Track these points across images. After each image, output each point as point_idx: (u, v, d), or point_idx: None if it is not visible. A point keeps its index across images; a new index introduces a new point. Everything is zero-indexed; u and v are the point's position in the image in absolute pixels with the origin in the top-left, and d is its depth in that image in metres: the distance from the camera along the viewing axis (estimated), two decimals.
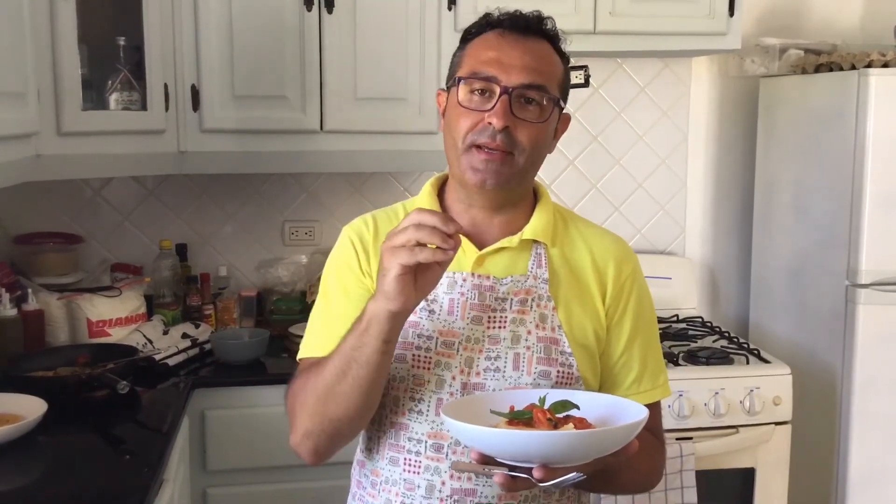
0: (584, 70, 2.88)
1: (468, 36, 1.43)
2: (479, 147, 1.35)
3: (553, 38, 1.42)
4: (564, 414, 1.21)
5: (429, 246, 1.18)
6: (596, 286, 1.43)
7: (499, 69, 1.35)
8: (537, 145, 1.38)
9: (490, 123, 1.33)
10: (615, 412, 1.25)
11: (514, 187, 1.41)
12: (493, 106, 1.34)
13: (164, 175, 2.86)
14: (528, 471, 1.15)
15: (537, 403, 1.23)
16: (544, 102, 1.37)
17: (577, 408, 1.22)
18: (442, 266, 1.21)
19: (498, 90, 1.34)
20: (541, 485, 1.14)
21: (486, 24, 1.41)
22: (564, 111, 1.45)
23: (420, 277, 1.21)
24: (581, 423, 1.19)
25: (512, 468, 1.16)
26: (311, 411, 1.33)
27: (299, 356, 1.46)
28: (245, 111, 2.58)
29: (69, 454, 1.88)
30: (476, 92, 1.36)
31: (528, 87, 1.35)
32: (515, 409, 1.24)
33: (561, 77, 1.42)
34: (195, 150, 2.57)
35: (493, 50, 1.37)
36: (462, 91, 1.37)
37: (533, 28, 1.39)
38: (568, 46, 1.45)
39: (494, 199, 1.42)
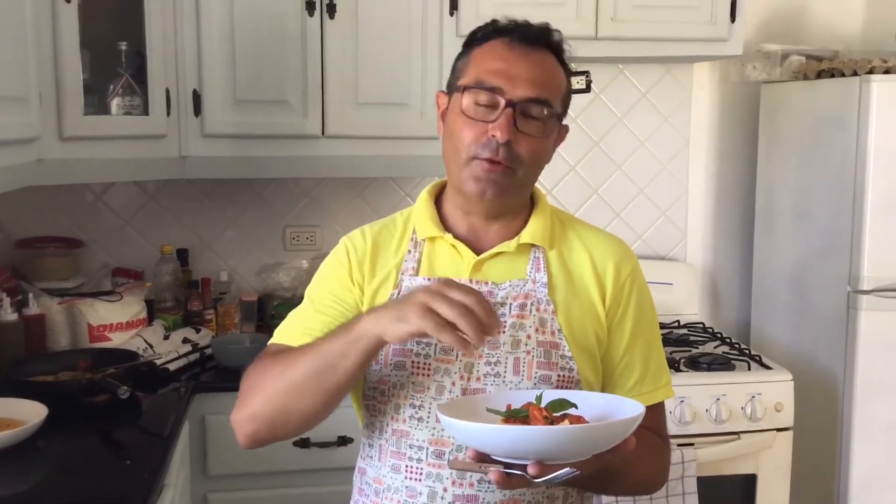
0: (586, 75, 2.87)
1: (473, 41, 1.42)
2: (481, 159, 1.35)
3: (558, 49, 1.42)
4: (561, 413, 1.21)
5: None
6: (595, 288, 1.43)
7: (505, 81, 1.34)
8: (537, 159, 1.39)
9: (493, 136, 1.33)
10: (612, 410, 1.25)
11: (512, 198, 1.41)
12: (497, 118, 1.34)
13: (166, 180, 2.86)
14: (524, 468, 1.14)
15: (534, 402, 1.23)
16: (547, 117, 1.37)
17: (575, 406, 1.22)
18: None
19: (502, 102, 1.34)
20: (535, 481, 1.14)
21: (494, 32, 1.40)
22: (564, 122, 1.45)
23: None
24: (578, 422, 1.19)
25: (508, 466, 1.16)
26: (268, 397, 1.32)
27: (270, 342, 1.47)
28: (246, 116, 2.58)
29: (70, 459, 1.87)
30: (479, 102, 1.36)
31: (532, 101, 1.35)
32: (512, 408, 1.24)
33: (564, 91, 1.42)
34: (196, 154, 2.57)
35: (500, 60, 1.36)
36: (466, 100, 1.36)
37: (541, 40, 1.39)
38: (569, 52, 1.45)
39: (492, 208, 1.42)
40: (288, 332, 1.45)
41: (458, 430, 1.20)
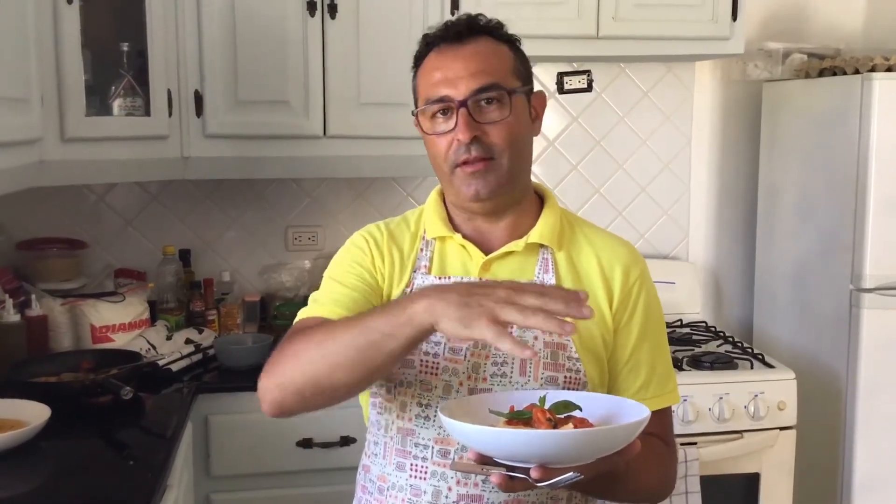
0: (587, 74, 2.88)
1: (417, 63, 1.47)
2: (461, 164, 1.37)
3: (491, 30, 1.43)
4: (565, 415, 1.19)
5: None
6: (603, 291, 1.42)
7: (446, 86, 1.37)
8: (514, 140, 1.38)
9: (458, 140, 1.36)
10: (617, 412, 1.24)
11: (509, 189, 1.41)
12: (456, 123, 1.36)
13: (168, 180, 2.87)
14: (527, 471, 1.13)
15: (537, 403, 1.22)
16: (501, 98, 1.37)
17: (580, 408, 1.21)
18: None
19: (453, 107, 1.36)
20: (538, 485, 1.13)
21: (426, 46, 1.44)
22: (536, 89, 1.46)
23: None
24: (582, 424, 1.17)
25: (510, 469, 1.15)
26: (302, 367, 1.23)
27: (299, 317, 1.41)
28: (248, 116, 2.58)
29: (73, 460, 1.87)
30: (437, 115, 1.39)
31: (479, 92, 1.36)
32: (515, 409, 1.22)
33: (512, 63, 1.42)
34: (198, 155, 2.57)
35: (436, 70, 1.39)
36: (423, 121, 1.41)
37: (465, 33, 1.40)
38: (571, 51, 1.45)
39: (494, 205, 1.42)
40: (318, 307, 1.38)
41: (458, 432, 1.18)
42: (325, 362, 1.21)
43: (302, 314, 1.41)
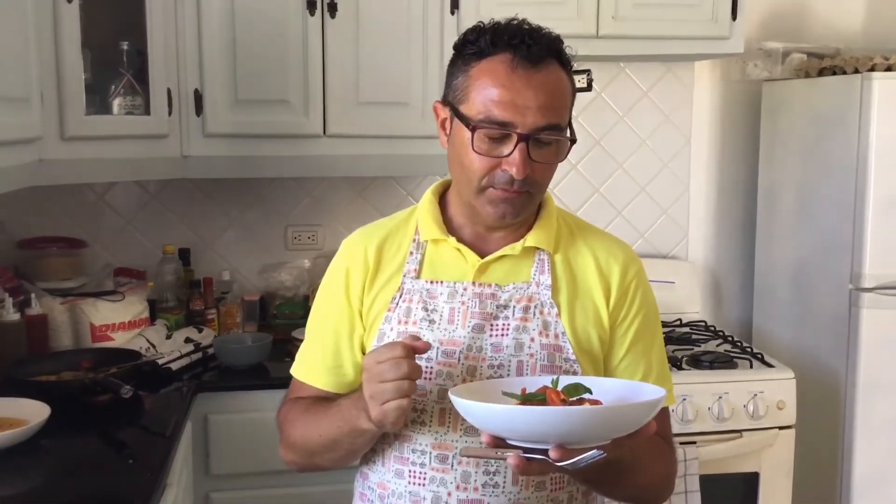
0: (587, 74, 2.87)
1: (466, 51, 1.34)
2: (495, 188, 1.33)
3: (560, 54, 1.36)
4: (577, 397, 1.18)
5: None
6: (600, 290, 1.41)
7: (514, 113, 1.28)
8: (551, 176, 1.39)
9: (506, 170, 1.30)
10: (629, 395, 1.22)
11: (530, 212, 1.42)
12: (511, 153, 1.29)
13: (168, 179, 2.87)
14: (544, 452, 1.10)
15: (549, 385, 1.20)
16: (559, 140, 1.33)
17: (590, 391, 1.19)
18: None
19: (515, 137, 1.28)
20: (558, 465, 1.10)
21: (491, 45, 1.31)
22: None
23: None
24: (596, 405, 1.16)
25: (526, 451, 1.12)
26: (298, 450, 1.44)
27: (292, 370, 1.52)
28: (248, 115, 2.58)
29: (72, 459, 1.87)
30: (491, 136, 1.30)
31: (544, 129, 1.30)
32: (528, 391, 1.21)
33: (571, 99, 1.37)
34: (198, 154, 2.57)
35: (505, 89, 1.28)
36: (477, 139, 1.30)
37: (543, 57, 1.31)
38: (571, 51, 1.41)
39: (509, 226, 1.41)
40: (302, 368, 1.50)
41: (473, 413, 1.15)
42: (309, 451, 1.42)
43: (295, 371, 1.51)
